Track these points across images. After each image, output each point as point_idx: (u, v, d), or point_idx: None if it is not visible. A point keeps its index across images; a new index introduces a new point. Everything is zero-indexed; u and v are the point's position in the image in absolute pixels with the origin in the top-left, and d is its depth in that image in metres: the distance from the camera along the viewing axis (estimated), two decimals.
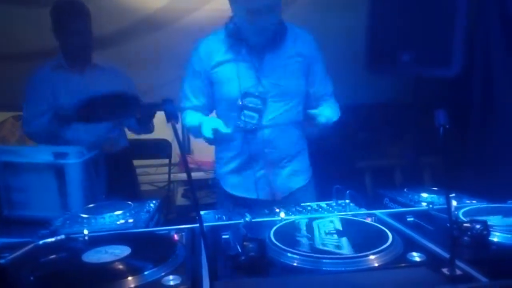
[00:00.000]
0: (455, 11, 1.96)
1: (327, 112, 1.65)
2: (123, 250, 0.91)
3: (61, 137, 1.99)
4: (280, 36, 1.59)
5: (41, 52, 2.08)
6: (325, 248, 0.90)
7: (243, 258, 0.82)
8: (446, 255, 0.87)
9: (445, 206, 0.83)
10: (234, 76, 1.59)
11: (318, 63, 1.70)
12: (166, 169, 3.15)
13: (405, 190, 1.47)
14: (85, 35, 2.02)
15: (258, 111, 1.59)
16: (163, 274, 0.81)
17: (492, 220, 1.01)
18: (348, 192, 1.34)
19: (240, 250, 0.84)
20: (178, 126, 0.79)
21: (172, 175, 3.18)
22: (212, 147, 1.76)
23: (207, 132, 1.49)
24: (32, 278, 0.81)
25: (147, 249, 0.94)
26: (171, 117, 0.77)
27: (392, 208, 1.37)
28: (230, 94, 1.61)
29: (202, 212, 1.22)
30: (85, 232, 1.02)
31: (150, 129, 2.15)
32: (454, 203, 1.19)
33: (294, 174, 1.72)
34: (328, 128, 1.64)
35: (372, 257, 0.85)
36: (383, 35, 2.30)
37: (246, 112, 1.58)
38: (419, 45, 2.09)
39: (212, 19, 2.76)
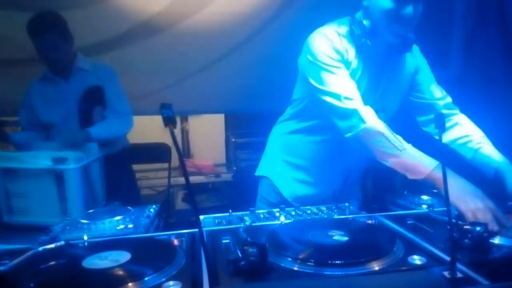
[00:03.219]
0: (454, 12, 1.97)
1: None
2: (123, 256, 0.91)
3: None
4: (408, 45, 1.42)
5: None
6: None
7: (243, 262, 0.81)
8: (446, 258, 0.86)
9: (445, 208, 0.83)
10: (363, 83, 1.42)
11: (425, 69, 1.55)
12: (165, 173, 3.14)
13: (405, 192, 1.47)
14: (58, 47, 2.00)
15: None
16: (163, 279, 0.80)
17: None
18: None
19: (240, 255, 0.83)
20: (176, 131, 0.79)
21: (172, 179, 3.17)
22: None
23: None
24: (32, 284, 0.80)
25: (147, 255, 0.94)
26: (169, 122, 0.76)
27: (393, 211, 1.37)
28: None
29: (201, 217, 1.22)
30: (85, 238, 1.02)
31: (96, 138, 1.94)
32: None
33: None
34: None
35: (372, 261, 0.85)
36: None
37: None
38: (419, 46, 2.09)
39: (211, 22, 2.77)
